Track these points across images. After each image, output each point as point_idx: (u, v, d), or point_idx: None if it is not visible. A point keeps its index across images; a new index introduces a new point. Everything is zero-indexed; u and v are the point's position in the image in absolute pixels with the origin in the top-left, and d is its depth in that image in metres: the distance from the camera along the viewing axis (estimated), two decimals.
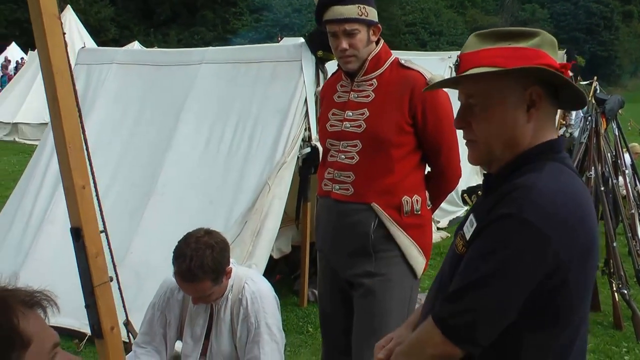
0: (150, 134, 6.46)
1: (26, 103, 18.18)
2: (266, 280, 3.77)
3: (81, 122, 2.89)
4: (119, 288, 3.97)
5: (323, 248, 3.76)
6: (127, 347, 3.95)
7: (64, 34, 2.34)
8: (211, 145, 6.13)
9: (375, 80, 3.50)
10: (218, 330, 3.60)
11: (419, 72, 3.44)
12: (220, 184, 5.93)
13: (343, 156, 3.49)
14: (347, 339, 3.63)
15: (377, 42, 3.54)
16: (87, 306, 2.11)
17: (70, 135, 2.06)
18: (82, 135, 2.81)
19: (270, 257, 6.07)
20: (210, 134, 6.16)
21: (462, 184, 10.16)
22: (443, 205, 8.22)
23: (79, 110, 2.92)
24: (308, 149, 5.93)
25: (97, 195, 3.17)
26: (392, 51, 3.64)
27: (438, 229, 9.39)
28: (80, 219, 2.10)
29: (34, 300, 1.59)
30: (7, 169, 14.44)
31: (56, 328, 4.70)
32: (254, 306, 3.53)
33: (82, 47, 8.50)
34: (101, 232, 2.18)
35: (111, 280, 2.20)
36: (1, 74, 25.88)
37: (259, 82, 6.14)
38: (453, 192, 7.98)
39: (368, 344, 3.44)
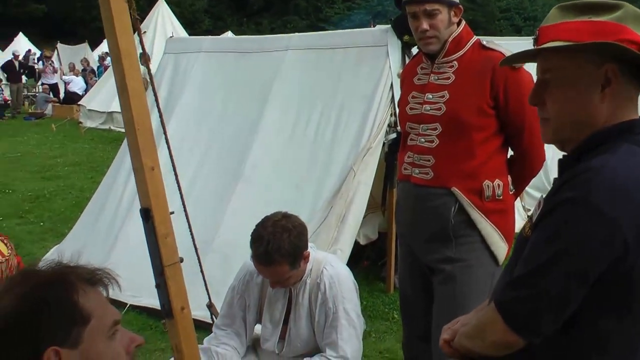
0: (237, 120, 6.53)
1: None
2: (345, 265, 3.75)
3: (158, 106, 2.94)
4: (201, 270, 4.02)
5: (403, 232, 3.73)
6: (210, 328, 4.01)
7: (137, 19, 2.36)
8: (297, 130, 6.15)
9: (455, 62, 3.43)
10: (297, 315, 3.60)
11: (500, 52, 3.34)
12: (306, 169, 5.94)
13: (423, 139, 3.45)
14: (427, 325, 3.58)
15: (458, 24, 3.46)
16: (157, 286, 2.13)
17: (138, 117, 2.08)
18: (159, 120, 2.85)
19: (357, 243, 6.07)
20: (297, 120, 6.18)
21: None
22: (533, 192, 8.02)
23: (155, 95, 2.97)
24: (394, 135, 5.87)
25: (176, 177, 3.23)
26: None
27: (529, 217, 9.13)
28: (150, 200, 2.12)
29: (95, 278, 1.61)
30: (102, 155, 15.06)
31: (144, 308, 4.88)
32: (332, 291, 3.50)
33: (170, 37, 8.68)
34: (171, 213, 2.19)
35: (181, 261, 2.21)
36: (98, 65, 26.76)
37: (344, 68, 6.11)
38: (543, 179, 7.76)
39: None
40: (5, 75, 24.39)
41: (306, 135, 6.06)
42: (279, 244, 3.25)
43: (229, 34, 22.70)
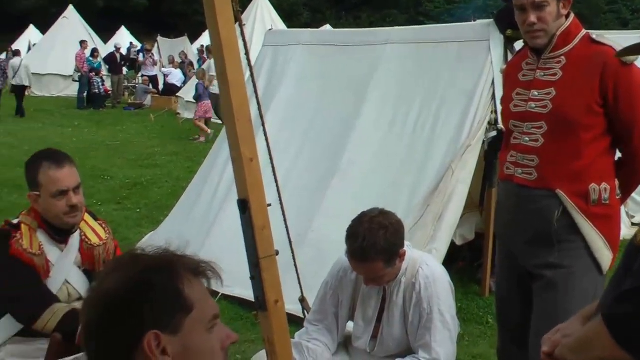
0: (334, 114, 6.52)
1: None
2: (441, 266, 3.64)
3: (257, 98, 2.91)
4: (295, 264, 3.99)
5: (503, 234, 3.61)
6: (302, 323, 3.98)
7: (239, 11, 2.34)
8: (395, 126, 6.08)
9: (563, 57, 3.29)
10: (390, 314, 3.52)
11: (611, 47, 3.17)
12: (403, 165, 5.87)
13: (527, 138, 3.33)
14: (524, 331, 3.47)
15: (567, 16, 3.31)
16: (252, 278, 2.10)
17: (238, 107, 2.05)
18: (259, 112, 2.83)
19: (453, 243, 5.95)
20: (395, 115, 6.11)
21: None
22: (639, 197, 7.70)
23: (255, 86, 2.95)
24: (494, 133, 5.73)
25: (273, 169, 3.20)
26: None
27: (633, 224, 8.73)
28: (248, 191, 2.08)
29: (200, 270, 1.63)
30: (198, 146, 15.41)
31: (236, 298, 4.91)
32: (427, 291, 3.41)
33: (269, 29, 8.73)
34: (269, 205, 2.15)
35: (277, 254, 2.17)
36: (198, 58, 27.33)
37: (444, 63, 6.02)
38: None
39: None
40: (107, 67, 25.23)
41: (404, 130, 5.98)
42: (374, 240, 3.17)
43: (327, 27, 22.72)
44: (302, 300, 4.42)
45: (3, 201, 10.49)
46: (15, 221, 3.41)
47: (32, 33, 35.19)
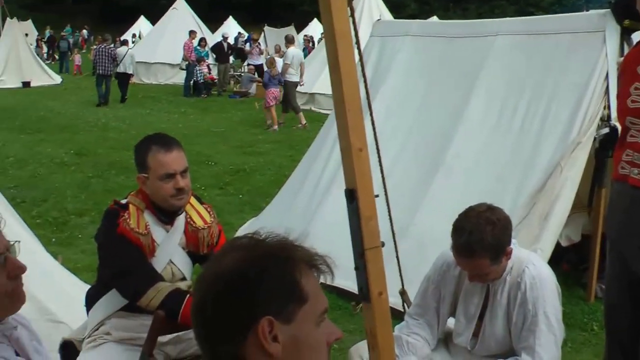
0: (440, 106, 6.44)
1: (324, 75, 19.03)
2: (548, 267, 3.52)
3: (366, 87, 2.88)
4: (397, 257, 3.95)
5: (615, 238, 3.46)
6: (401, 316, 3.94)
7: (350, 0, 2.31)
8: (503, 120, 5.95)
9: None
10: (493, 313, 3.43)
11: None
12: (510, 161, 5.74)
13: None
14: (634, 341, 3.31)
15: None
16: (356, 268, 2.08)
17: (349, 97, 2.04)
18: (367, 102, 2.80)
19: (558, 244, 5.77)
20: (502, 108, 5.98)
21: None
22: None
23: (364, 75, 2.92)
24: (606, 130, 5.50)
25: (379, 160, 3.17)
26: None
27: None
28: (356, 181, 2.07)
29: (314, 263, 1.62)
30: (302, 135, 15.53)
31: (334, 288, 4.92)
32: (532, 292, 3.30)
33: (378, 20, 8.69)
34: (376, 196, 2.12)
35: (383, 245, 2.14)
36: (303, 47, 27.53)
37: (556, 54, 5.83)
38: None
39: None
40: (214, 56, 25.72)
41: (512, 125, 5.84)
42: (481, 236, 3.09)
43: (434, 18, 22.46)
44: (403, 293, 4.37)
45: (111, 182, 10.91)
46: (123, 201, 3.51)
47: (142, 24, 36.47)
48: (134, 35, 36.05)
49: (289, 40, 19.08)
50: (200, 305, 1.56)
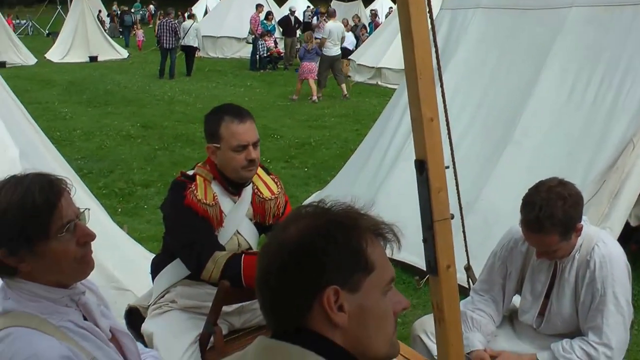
0: (511, 80, 6.32)
1: (391, 49, 18.88)
2: (619, 245, 3.41)
3: (437, 58, 2.84)
4: (463, 231, 3.89)
5: None
6: (465, 292, 3.90)
7: None
8: (574, 95, 5.79)
9: None
10: (560, 291, 3.36)
11: None
12: (581, 136, 5.59)
13: None
14: None
15: None
16: (424, 240, 2.05)
17: (421, 64, 2.00)
18: (438, 72, 2.76)
19: (627, 223, 5.61)
20: (574, 83, 5.81)
21: None
22: None
23: (436, 46, 2.87)
24: None
25: (448, 132, 3.11)
26: None
27: None
28: (426, 152, 2.03)
29: (380, 231, 1.59)
30: (368, 109, 15.47)
31: (398, 262, 4.89)
32: (602, 271, 3.21)
33: None
34: (446, 167, 2.09)
35: (452, 218, 2.11)
36: (369, 22, 27.33)
37: (634, 27, 5.60)
38: None
39: None
40: (281, 30, 25.72)
41: (584, 100, 5.68)
42: (551, 211, 3.02)
43: None
44: (468, 269, 4.32)
45: (176, 154, 11.07)
46: (190, 173, 3.53)
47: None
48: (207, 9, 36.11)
49: (330, 14, 19.34)
50: (264, 275, 1.54)
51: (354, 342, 1.52)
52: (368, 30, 26.51)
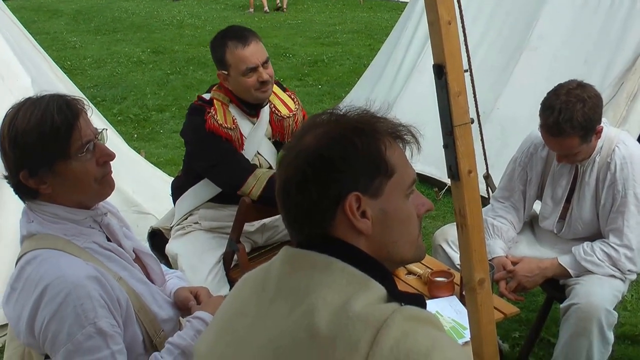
0: None
1: None
2: None
3: None
4: (482, 139, 3.87)
5: None
6: (485, 202, 3.90)
7: None
8: None
9: None
10: (581, 195, 3.35)
11: None
12: (598, 40, 5.49)
13: None
14: None
15: None
16: (445, 146, 2.02)
17: None
18: None
19: None
20: None
21: None
22: None
23: None
24: None
25: (465, 37, 3.06)
26: None
27: None
28: (444, 56, 1.98)
29: (399, 134, 1.56)
30: (380, 24, 15.32)
31: (418, 175, 4.86)
32: (622, 173, 3.19)
33: None
34: (465, 71, 2.04)
35: (472, 122, 2.07)
36: None
37: None
38: None
39: None
40: None
41: (601, 3, 5.54)
42: (571, 114, 2.98)
43: None
44: (487, 177, 4.31)
45: (189, 78, 11.04)
46: (206, 96, 3.51)
47: None
48: None
49: None
50: (285, 187, 1.52)
51: (379, 247, 1.51)
52: None
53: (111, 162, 2.17)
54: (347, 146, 1.48)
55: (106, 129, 2.23)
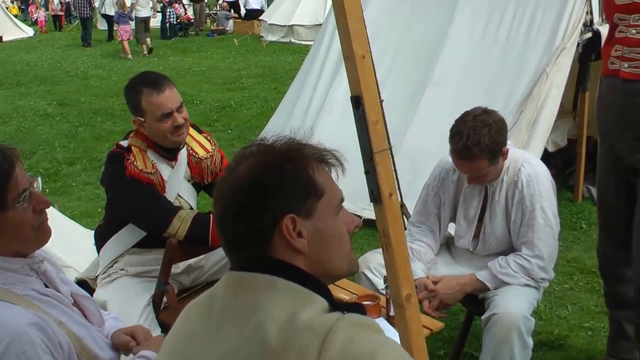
0: (426, 23, 6.50)
1: (301, 6, 18.98)
2: (543, 164, 3.63)
3: None
4: (394, 170, 4.02)
5: (606, 132, 3.55)
6: None
7: None
8: (488, 32, 6.02)
9: None
10: (492, 213, 3.55)
11: None
12: (498, 72, 5.83)
13: (634, 31, 3.20)
14: (628, 233, 3.42)
15: None
16: (366, 172, 2.14)
17: (349, 5, 2.07)
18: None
19: (545, 150, 5.91)
20: (488, 21, 6.06)
21: None
22: None
23: None
24: (589, 34, 5.58)
25: (374, 71, 3.21)
26: None
27: None
28: (361, 88, 2.12)
29: (324, 158, 1.68)
30: (284, 67, 15.53)
31: None
32: (529, 189, 3.42)
33: None
34: (381, 101, 2.19)
35: (390, 148, 2.22)
36: None
37: None
38: None
39: None
40: None
41: (497, 37, 5.92)
42: (479, 138, 3.20)
43: None
44: (402, 206, 4.48)
45: (98, 129, 10.91)
46: (125, 144, 3.52)
47: None
48: None
49: None
50: (223, 217, 1.61)
51: (316, 264, 1.62)
52: None
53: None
54: (278, 172, 1.58)
55: (40, 177, 2.26)
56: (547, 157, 6.29)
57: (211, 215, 3.37)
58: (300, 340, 1.43)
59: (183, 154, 3.61)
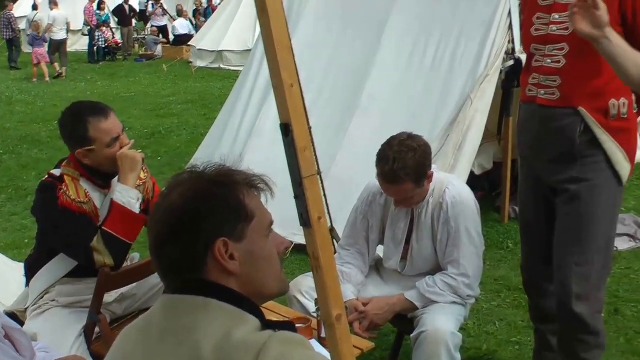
0: (353, 51, 6.61)
1: (230, 31, 19.00)
2: (467, 186, 3.79)
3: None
4: (324, 194, 4.10)
5: (525, 154, 3.70)
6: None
7: None
8: (414, 60, 6.18)
9: None
10: (419, 234, 3.67)
11: None
12: (423, 98, 5.99)
13: (549, 60, 3.36)
14: (548, 249, 3.57)
15: None
16: (295, 197, 2.20)
17: (278, 35, 2.13)
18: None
19: (472, 173, 6.09)
20: (414, 49, 6.22)
21: None
22: None
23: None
24: (511, 62, 5.81)
25: (302, 99, 3.29)
26: None
27: None
28: (290, 115, 2.18)
29: (253, 183, 1.76)
30: (213, 93, 15.49)
31: None
32: (454, 210, 3.56)
33: None
34: (309, 128, 2.26)
35: (319, 173, 2.29)
36: (207, 6, 27.10)
37: None
38: None
39: (571, 251, 3.39)
40: (117, 20, 25.12)
41: (423, 64, 6.08)
42: (404, 162, 3.32)
43: None
44: (331, 230, 4.56)
45: (24, 157, 10.64)
46: (57, 172, 3.49)
47: None
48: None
49: (53, 3, 21.53)
50: (158, 243, 1.67)
51: (248, 285, 1.69)
52: (205, 15, 26.26)
53: None
54: (210, 198, 1.66)
55: None
56: (474, 180, 6.49)
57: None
58: (234, 357, 1.50)
59: (115, 182, 3.60)
